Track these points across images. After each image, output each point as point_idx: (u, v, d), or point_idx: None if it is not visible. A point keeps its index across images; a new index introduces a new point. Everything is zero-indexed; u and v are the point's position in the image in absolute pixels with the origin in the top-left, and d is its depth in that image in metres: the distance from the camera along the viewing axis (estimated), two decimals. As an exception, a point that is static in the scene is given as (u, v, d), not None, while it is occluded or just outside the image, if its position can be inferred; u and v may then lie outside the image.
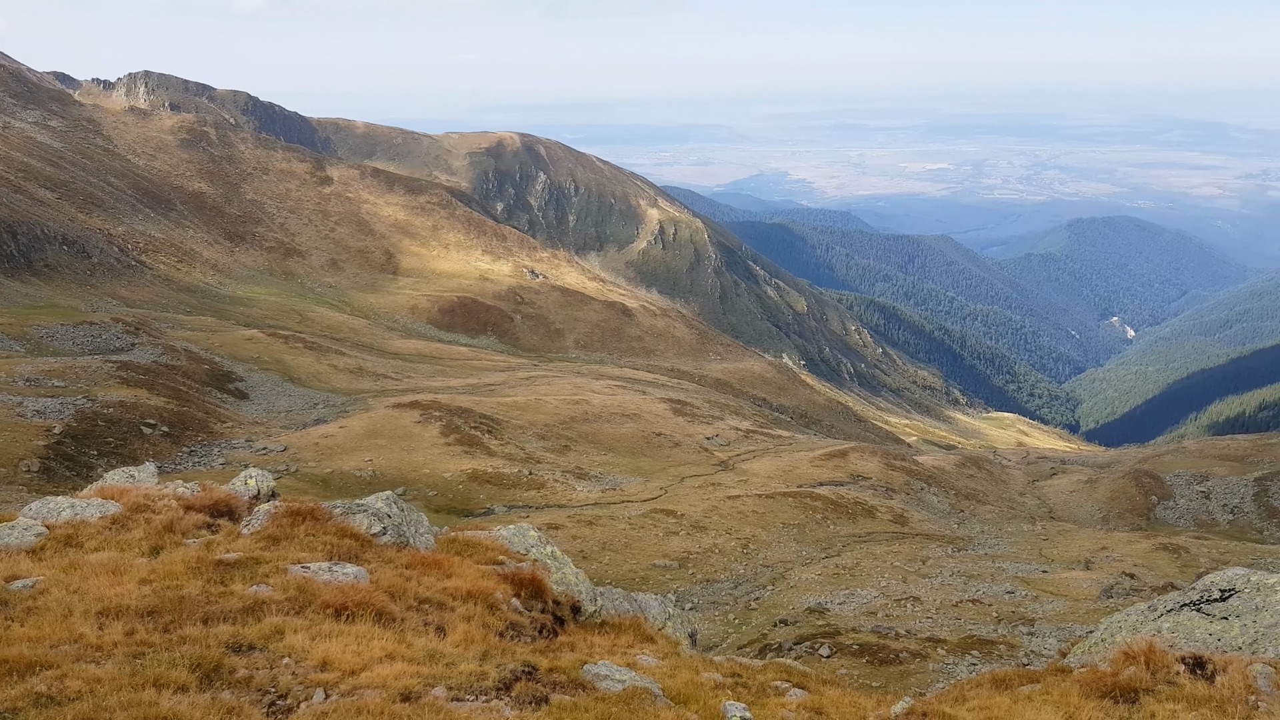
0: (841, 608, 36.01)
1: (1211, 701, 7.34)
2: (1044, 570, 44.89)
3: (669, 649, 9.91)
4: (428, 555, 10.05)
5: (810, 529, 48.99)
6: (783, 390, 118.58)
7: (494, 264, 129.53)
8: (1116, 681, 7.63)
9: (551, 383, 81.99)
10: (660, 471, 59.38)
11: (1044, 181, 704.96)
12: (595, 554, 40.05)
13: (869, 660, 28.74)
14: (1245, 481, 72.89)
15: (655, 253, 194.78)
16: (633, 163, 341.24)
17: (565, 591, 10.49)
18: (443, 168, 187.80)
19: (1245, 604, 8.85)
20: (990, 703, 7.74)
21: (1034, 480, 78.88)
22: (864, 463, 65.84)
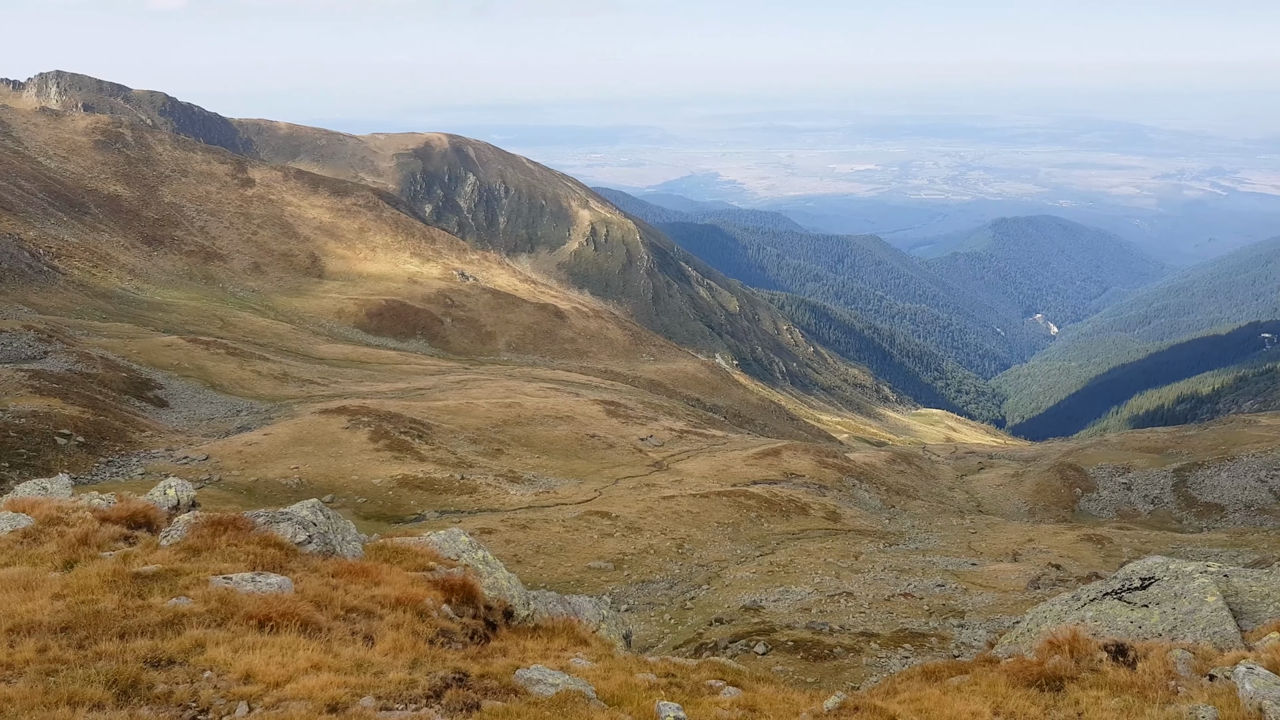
0: (776, 605, 36.27)
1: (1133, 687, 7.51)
2: (973, 563, 45.79)
3: (603, 651, 9.84)
4: (355, 563, 9.83)
5: (745, 527, 49.29)
6: (716, 390, 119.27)
7: (423, 266, 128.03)
8: (1042, 670, 7.76)
9: (483, 386, 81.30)
10: (595, 473, 59.24)
11: (969, 182, 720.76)
12: (529, 558, 39.78)
13: (804, 656, 28.98)
14: (1165, 473, 75.30)
15: (587, 254, 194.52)
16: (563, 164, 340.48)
17: (498, 596, 10.35)
18: (369, 169, 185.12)
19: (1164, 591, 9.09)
20: (921, 695, 7.82)
21: (962, 475, 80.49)
22: (797, 461, 66.50)
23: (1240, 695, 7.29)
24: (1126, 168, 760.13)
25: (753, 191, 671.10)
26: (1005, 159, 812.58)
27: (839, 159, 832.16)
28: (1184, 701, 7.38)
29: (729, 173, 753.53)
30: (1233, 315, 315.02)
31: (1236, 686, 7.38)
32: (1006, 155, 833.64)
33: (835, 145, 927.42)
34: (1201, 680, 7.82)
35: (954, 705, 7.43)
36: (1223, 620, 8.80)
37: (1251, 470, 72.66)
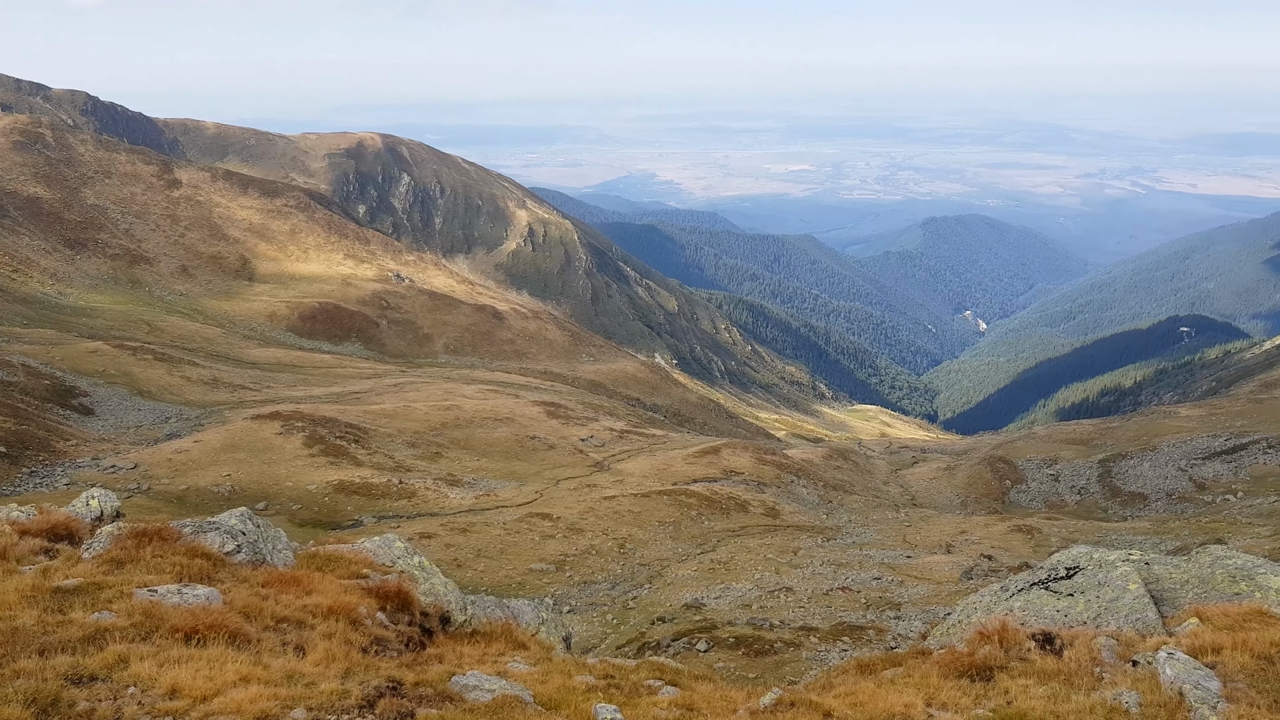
0: (718, 602, 36.47)
1: (1060, 675, 7.69)
2: (908, 556, 46.55)
3: (542, 654, 9.78)
4: (286, 572, 9.63)
5: (686, 526, 49.48)
6: (656, 389, 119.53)
7: (357, 268, 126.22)
8: (973, 661, 7.91)
9: (421, 389, 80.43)
10: (535, 475, 58.98)
11: (900, 182, 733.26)
12: (470, 561, 39.45)
13: (745, 652, 29.19)
14: (1090, 464, 77.37)
15: (525, 254, 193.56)
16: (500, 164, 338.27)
17: (434, 602, 10.23)
18: (300, 170, 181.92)
19: (1089, 580, 9.33)
20: (855, 688, 7.91)
21: (897, 469, 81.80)
22: (736, 458, 66.95)
23: (1161, 680, 7.52)
24: (1050, 167, 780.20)
25: (690, 192, 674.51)
26: (934, 159, 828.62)
27: (774, 159, 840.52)
28: (1109, 688, 7.58)
29: (666, 173, 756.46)
30: (1153, 310, 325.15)
31: (1158, 672, 7.61)
32: (936, 156, 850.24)
33: (770, 146, 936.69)
34: (1125, 666, 8.05)
35: (887, 698, 7.54)
36: (1144, 607, 9.07)
37: (1172, 460, 75.01)
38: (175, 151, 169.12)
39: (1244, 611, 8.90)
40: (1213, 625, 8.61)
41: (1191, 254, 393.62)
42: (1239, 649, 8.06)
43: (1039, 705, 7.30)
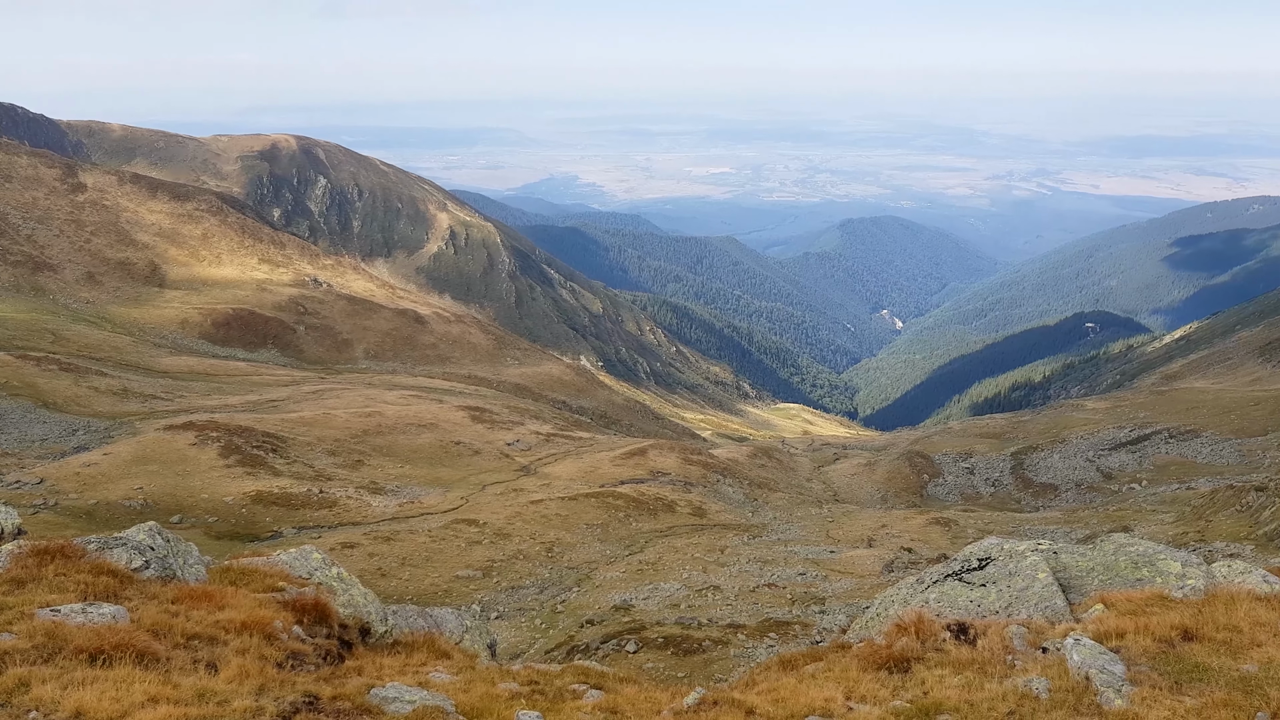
0: (646, 603, 36.56)
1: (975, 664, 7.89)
2: (832, 551, 47.29)
3: (465, 663, 9.68)
4: (198, 588, 9.36)
5: (613, 527, 49.49)
6: (582, 392, 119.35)
7: (273, 273, 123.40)
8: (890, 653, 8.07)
9: (341, 395, 78.97)
10: (460, 480, 58.37)
11: (817, 184, 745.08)
12: (394, 570, 38.86)
13: (674, 652, 29.31)
14: (1003, 457, 79.61)
15: (447, 257, 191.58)
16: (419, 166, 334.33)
17: (353, 614, 10.04)
18: (212, 172, 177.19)
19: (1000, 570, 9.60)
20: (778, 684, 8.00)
21: (819, 466, 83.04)
22: (663, 459, 67.21)
23: (1069, 665, 7.78)
24: (961, 169, 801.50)
25: (612, 194, 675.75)
26: (850, 162, 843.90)
27: (695, 162, 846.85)
28: (1020, 675, 7.81)
29: (588, 175, 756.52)
30: (1060, 307, 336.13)
31: (1066, 658, 7.87)
32: (851, 158, 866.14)
33: (691, 148, 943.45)
34: (1036, 653, 8.31)
35: (809, 693, 7.65)
36: (1053, 595, 9.37)
37: (1081, 451, 77.63)
38: (80, 154, 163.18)
39: (1146, 596, 9.26)
40: (1117, 611, 8.94)
41: (1095, 252, 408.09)
42: (1141, 633, 8.38)
43: (954, 695, 7.48)
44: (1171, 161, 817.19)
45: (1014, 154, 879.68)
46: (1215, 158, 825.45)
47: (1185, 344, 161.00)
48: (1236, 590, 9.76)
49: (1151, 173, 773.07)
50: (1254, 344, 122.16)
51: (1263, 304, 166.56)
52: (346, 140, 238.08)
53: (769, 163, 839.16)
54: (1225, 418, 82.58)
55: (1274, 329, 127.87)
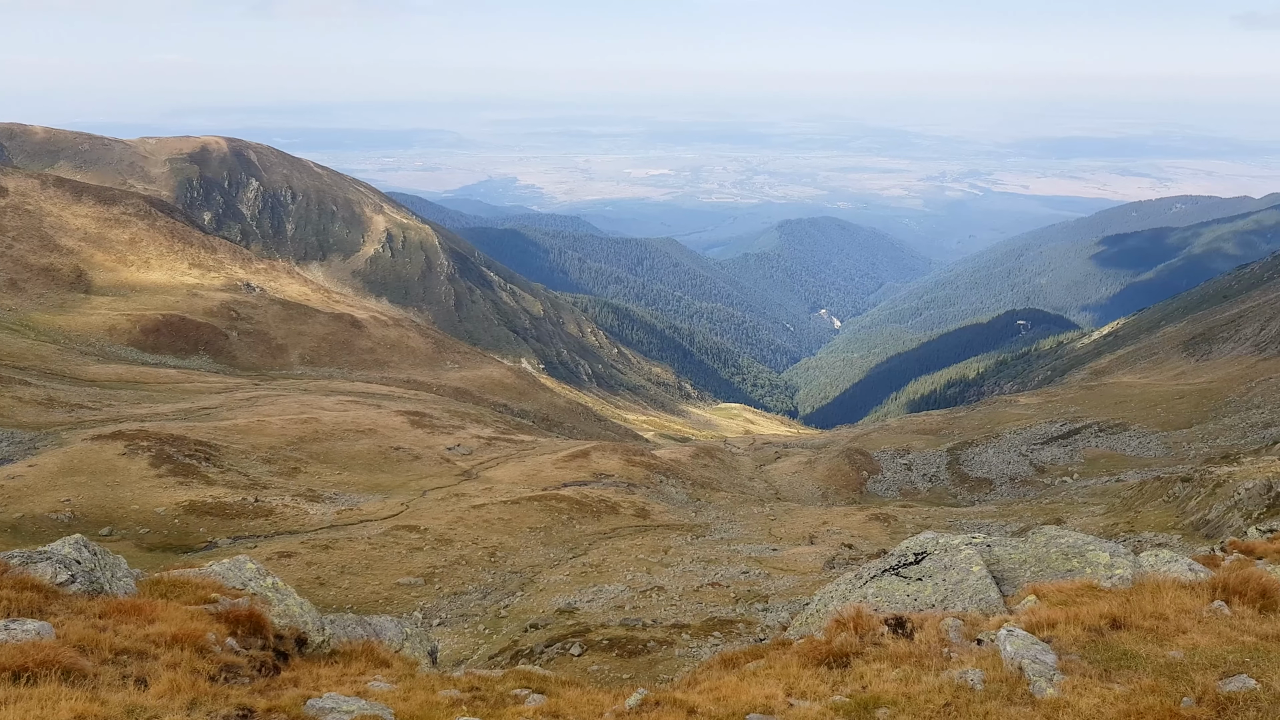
0: (590, 605, 36.50)
1: (912, 657, 8.01)
2: (774, 549, 47.70)
3: (405, 671, 9.55)
4: (127, 601, 9.10)
5: (557, 530, 49.31)
6: (523, 395, 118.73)
7: (204, 278, 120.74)
8: (830, 649, 8.15)
9: (276, 402, 77.56)
10: (400, 486, 57.70)
11: (756, 186, 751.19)
12: (333, 579, 38.25)
13: (618, 654, 29.31)
14: (940, 452, 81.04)
15: (384, 261, 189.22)
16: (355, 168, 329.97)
17: (289, 624, 9.85)
18: (140, 176, 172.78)
19: (936, 564, 9.76)
20: (720, 683, 8.04)
21: (761, 465, 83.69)
22: (605, 461, 67.17)
23: (1003, 656, 7.94)
24: (895, 171, 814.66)
25: (551, 196, 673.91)
26: (787, 164, 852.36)
27: (634, 164, 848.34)
28: (956, 667, 7.96)
29: (527, 177, 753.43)
30: (992, 305, 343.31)
31: (1000, 649, 8.04)
32: (788, 160, 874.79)
33: (630, 150, 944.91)
34: (971, 645, 8.47)
35: (750, 690, 7.70)
36: (987, 588, 9.57)
37: (1014, 446, 79.36)
38: (0, 158, 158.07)
39: (1076, 587, 9.49)
40: (1048, 601, 9.15)
41: (1025, 251, 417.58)
42: (1072, 622, 8.59)
43: (892, 688, 7.59)
44: (1098, 162, 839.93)
45: (946, 156, 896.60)
46: (1140, 159, 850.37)
47: (1113, 340, 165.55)
48: (1163, 579, 10.06)
49: (1079, 173, 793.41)
50: (1178, 339, 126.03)
51: (1186, 300, 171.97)
52: (279, 142, 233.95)
53: (707, 164, 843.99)
54: (1152, 411, 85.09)
55: (1197, 324, 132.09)
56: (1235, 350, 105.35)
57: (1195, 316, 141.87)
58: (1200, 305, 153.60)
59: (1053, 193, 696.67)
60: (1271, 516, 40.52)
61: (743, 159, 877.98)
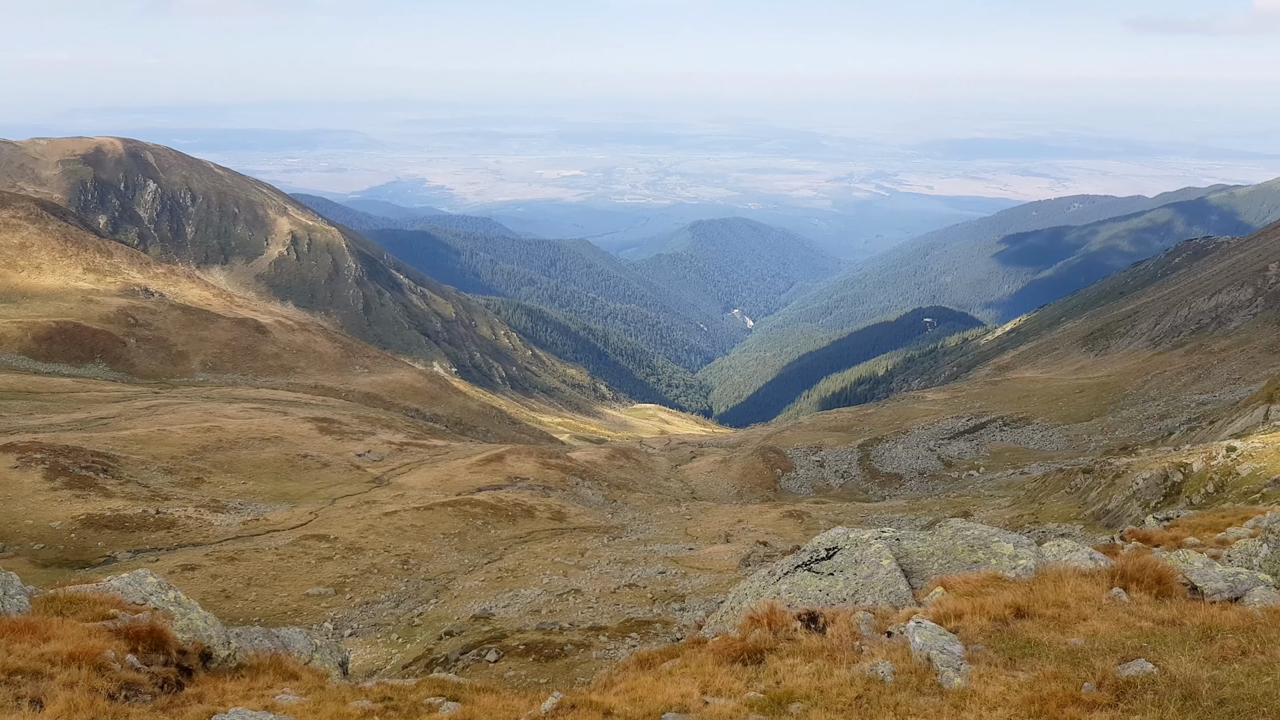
0: (507, 610, 36.24)
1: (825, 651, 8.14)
2: (690, 548, 48.03)
3: (315, 683, 9.33)
4: (20, 620, 8.69)
5: (471, 536, 48.82)
6: (435, 399, 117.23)
7: (100, 283, 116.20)
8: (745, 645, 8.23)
9: (177, 411, 75.08)
10: (309, 495, 56.41)
11: (667, 187, 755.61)
12: (239, 591, 37.19)
13: (535, 658, 29.15)
14: (851, 449, 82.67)
15: (289, 264, 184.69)
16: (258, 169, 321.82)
17: (193, 639, 9.53)
18: (29, 178, 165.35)
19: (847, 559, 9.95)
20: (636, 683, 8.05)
21: (677, 465, 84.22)
22: (520, 464, 66.77)
23: (912, 648, 8.13)
24: (804, 172, 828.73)
25: (462, 197, 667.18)
26: (698, 165, 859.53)
27: (545, 165, 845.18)
28: (867, 660, 8.11)
29: (436, 178, 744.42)
30: (900, 303, 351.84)
31: (909, 641, 8.23)
32: (699, 161, 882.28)
33: (541, 151, 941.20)
34: (881, 638, 8.65)
35: (666, 690, 7.73)
36: (896, 581, 9.79)
37: (922, 441, 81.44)
38: None
39: (981, 578, 9.78)
40: (955, 593, 9.40)
41: (931, 250, 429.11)
42: (978, 613, 8.85)
43: (805, 683, 7.70)
44: (999, 163, 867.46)
45: (853, 157, 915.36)
46: (1039, 159, 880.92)
47: (1016, 336, 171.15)
48: (1064, 568, 10.42)
49: (981, 174, 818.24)
50: (1077, 334, 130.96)
51: (1084, 297, 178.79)
52: (177, 143, 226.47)
53: (619, 165, 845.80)
54: (1054, 405, 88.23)
55: (1095, 320, 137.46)
56: (1132, 345, 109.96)
57: (1093, 312, 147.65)
58: (1098, 301, 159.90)
59: (956, 193, 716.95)
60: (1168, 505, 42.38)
61: (654, 160, 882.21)
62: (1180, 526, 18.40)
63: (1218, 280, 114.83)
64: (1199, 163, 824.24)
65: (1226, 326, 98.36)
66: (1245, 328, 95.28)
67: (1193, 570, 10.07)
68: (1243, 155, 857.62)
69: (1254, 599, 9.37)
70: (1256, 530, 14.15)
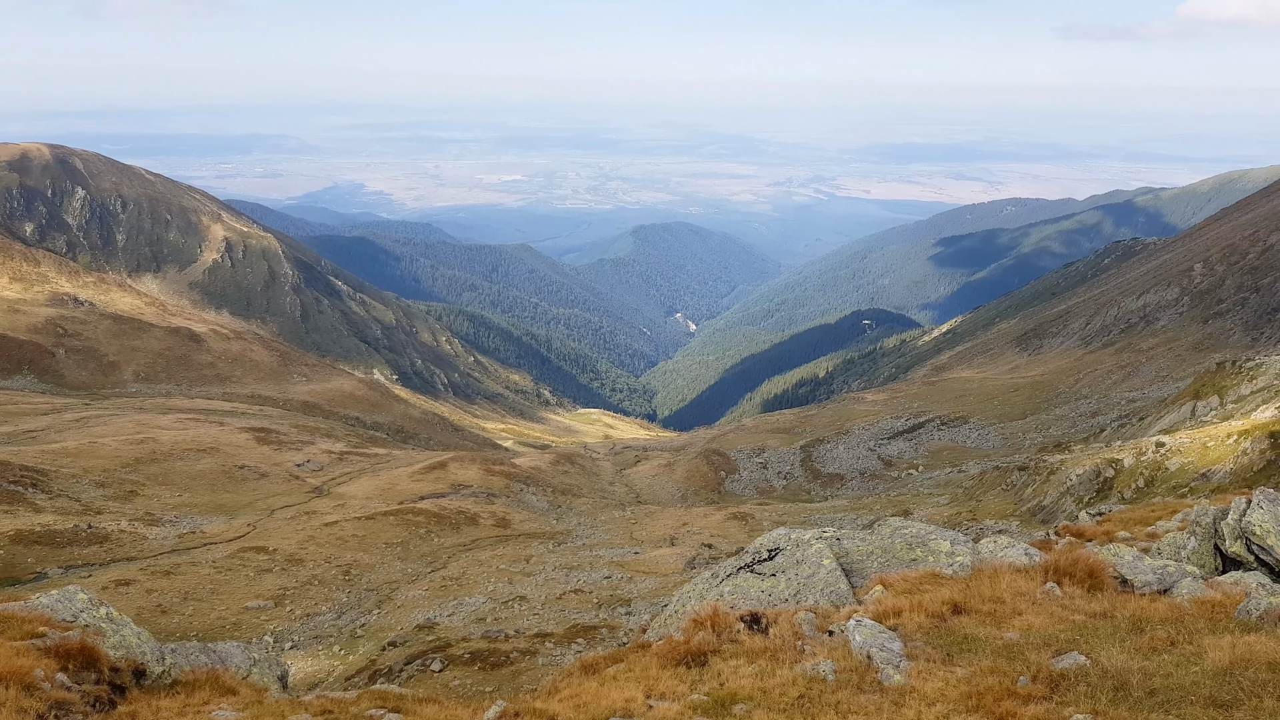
0: (451, 619, 35.91)
1: (767, 652, 8.21)
2: (636, 551, 48.07)
3: (253, 698, 9.15)
4: (-59, 643, 8.40)
5: (414, 545, 48.29)
6: (376, 407, 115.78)
7: (26, 292, 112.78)
8: (689, 648, 8.27)
9: (109, 422, 73.18)
10: (247, 506, 55.34)
11: (609, 191, 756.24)
12: (176, 606, 36.34)
13: (481, 667, 28.93)
14: (794, 450, 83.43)
15: (224, 271, 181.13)
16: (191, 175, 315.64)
17: (126, 655, 9.29)
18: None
19: (788, 560, 10.05)
20: (580, 689, 8.04)
21: (621, 469, 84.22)
22: (464, 471, 66.23)
23: (853, 647, 8.25)
24: (744, 176, 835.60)
25: (401, 202, 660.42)
26: (640, 169, 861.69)
27: (486, 169, 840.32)
28: (809, 659, 8.21)
29: (375, 183, 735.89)
30: (839, 305, 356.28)
31: (850, 639, 8.35)
32: (641, 166, 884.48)
33: (481, 156, 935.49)
34: (823, 637, 8.76)
35: (610, 694, 7.74)
36: (837, 580, 9.92)
37: (863, 441, 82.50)
38: None
39: (920, 576, 9.95)
40: (895, 591, 9.56)
41: (869, 254, 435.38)
42: (916, 610, 9.00)
43: (748, 684, 7.77)
44: (934, 167, 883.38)
45: (792, 162, 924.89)
46: (972, 163, 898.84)
47: (952, 337, 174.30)
48: (1000, 564, 10.65)
49: (916, 178, 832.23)
50: (1011, 335, 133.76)
51: (1018, 298, 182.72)
52: (107, 149, 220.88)
53: (561, 170, 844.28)
54: (989, 404, 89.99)
55: (1028, 320, 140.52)
56: (1064, 344, 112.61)
57: (1027, 313, 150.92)
58: (1031, 302, 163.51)
59: (892, 197, 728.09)
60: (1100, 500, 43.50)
61: (596, 165, 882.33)
62: (1112, 521, 18.88)
63: (1145, 280, 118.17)
64: (1126, 166, 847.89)
65: (1154, 325, 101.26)
66: (1172, 326, 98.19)
67: (1123, 564, 10.35)
68: (1168, 159, 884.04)
69: (1182, 590, 9.67)
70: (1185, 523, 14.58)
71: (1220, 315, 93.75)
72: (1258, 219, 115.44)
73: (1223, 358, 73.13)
